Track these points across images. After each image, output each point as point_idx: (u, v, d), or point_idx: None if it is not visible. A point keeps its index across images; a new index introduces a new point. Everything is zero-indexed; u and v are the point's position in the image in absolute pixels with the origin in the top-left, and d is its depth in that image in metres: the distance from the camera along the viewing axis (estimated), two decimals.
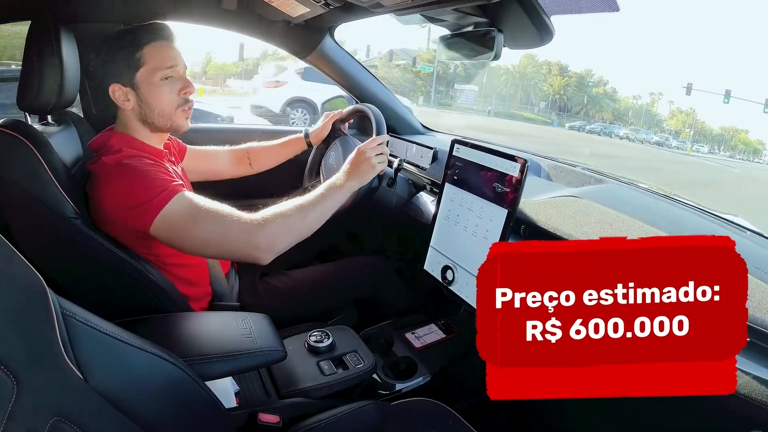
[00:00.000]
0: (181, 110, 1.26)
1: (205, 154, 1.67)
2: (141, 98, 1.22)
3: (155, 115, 1.24)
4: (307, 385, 1.22)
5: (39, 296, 0.58)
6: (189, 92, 1.27)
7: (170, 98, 1.24)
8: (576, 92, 48.39)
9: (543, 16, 1.15)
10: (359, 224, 2.13)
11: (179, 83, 1.25)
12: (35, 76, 1.11)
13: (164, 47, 1.23)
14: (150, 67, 1.21)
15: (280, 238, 1.11)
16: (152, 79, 1.21)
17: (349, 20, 1.72)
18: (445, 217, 1.34)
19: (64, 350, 0.58)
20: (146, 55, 1.20)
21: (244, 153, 1.73)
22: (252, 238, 1.08)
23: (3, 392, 0.51)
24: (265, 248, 1.09)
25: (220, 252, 1.14)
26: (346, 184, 1.25)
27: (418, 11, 1.29)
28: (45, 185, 1.03)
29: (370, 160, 1.29)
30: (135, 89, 1.21)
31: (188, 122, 1.30)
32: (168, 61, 1.22)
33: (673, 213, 1.25)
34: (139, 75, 1.20)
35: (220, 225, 1.07)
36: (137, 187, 1.08)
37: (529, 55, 49.66)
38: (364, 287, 1.73)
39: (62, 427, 0.55)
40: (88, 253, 1.06)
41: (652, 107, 53.75)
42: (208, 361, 0.97)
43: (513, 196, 1.14)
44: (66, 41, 1.15)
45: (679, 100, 52.30)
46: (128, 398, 0.65)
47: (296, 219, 1.13)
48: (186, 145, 1.58)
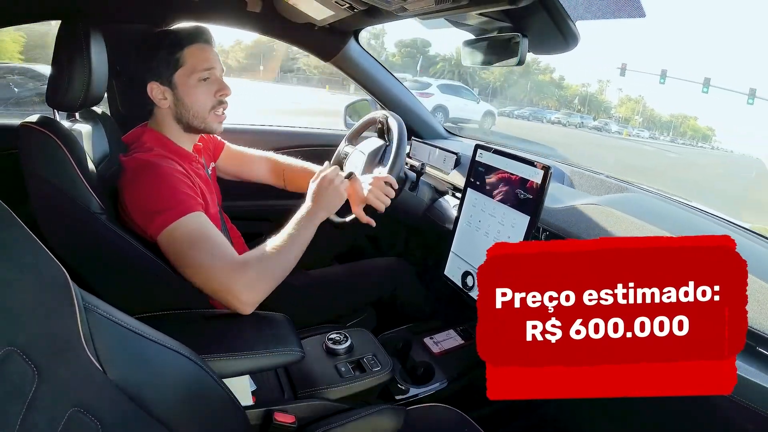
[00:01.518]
0: (214, 113, 1.28)
1: (243, 158, 1.66)
2: (177, 97, 1.25)
3: (190, 115, 1.26)
4: (323, 386, 1.22)
5: (62, 289, 0.59)
6: (225, 94, 1.29)
7: (205, 99, 1.26)
8: (519, 79, 47.14)
9: (568, 22, 1.13)
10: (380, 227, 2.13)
11: (215, 85, 1.27)
12: (64, 74, 1.13)
13: (204, 50, 1.25)
14: (188, 67, 1.23)
15: (259, 292, 1.09)
16: (190, 80, 1.24)
17: (374, 24, 1.72)
18: (467, 222, 1.33)
19: (85, 342, 0.59)
20: (186, 56, 1.23)
21: (281, 170, 1.69)
22: (232, 289, 1.07)
23: (24, 382, 0.52)
24: (245, 302, 1.08)
25: (205, 287, 1.10)
26: (315, 216, 1.21)
27: (442, 15, 1.28)
28: (72, 181, 1.04)
29: (337, 187, 1.25)
30: (172, 88, 1.24)
31: (221, 126, 1.32)
32: (206, 63, 1.25)
33: (699, 223, 1.22)
34: (177, 75, 1.23)
35: (211, 260, 1.07)
36: (158, 193, 1.10)
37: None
38: (384, 289, 1.72)
39: (80, 418, 0.56)
40: (112, 248, 1.07)
41: (600, 95, 52.32)
42: (226, 358, 0.98)
43: (535, 203, 1.13)
44: (95, 41, 1.17)
45: (629, 88, 51.19)
46: (146, 392, 0.66)
47: (275, 267, 1.12)
48: (225, 142, 1.60)
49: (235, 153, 1.64)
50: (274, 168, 1.69)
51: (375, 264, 1.80)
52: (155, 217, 1.08)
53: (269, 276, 1.10)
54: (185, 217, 1.09)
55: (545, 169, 1.12)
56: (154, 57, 1.22)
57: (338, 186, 1.26)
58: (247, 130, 2.23)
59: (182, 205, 1.10)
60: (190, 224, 1.09)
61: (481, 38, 1.44)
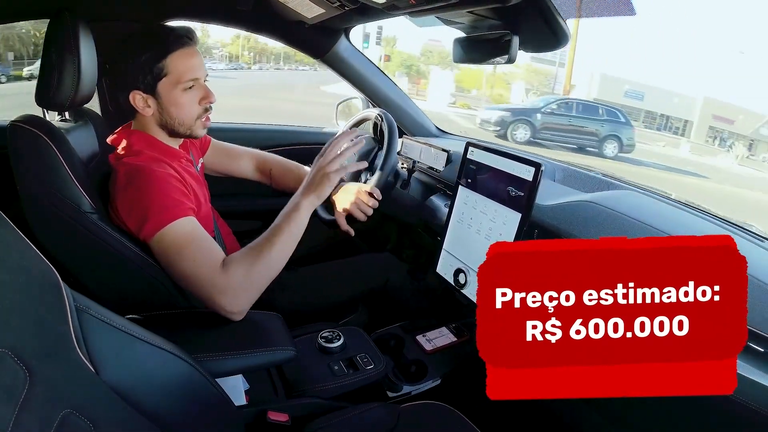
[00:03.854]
0: (200, 120, 1.25)
1: (229, 154, 1.64)
2: (162, 107, 1.21)
3: (175, 123, 1.23)
4: (317, 385, 1.22)
5: (53, 289, 0.58)
6: (210, 102, 1.25)
7: (190, 108, 1.23)
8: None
9: (559, 20, 1.14)
10: (372, 226, 2.13)
11: (201, 92, 1.23)
12: (53, 73, 1.12)
13: (187, 55, 1.20)
14: (173, 78, 1.19)
15: (247, 300, 1.09)
16: (174, 90, 1.19)
17: (365, 22, 1.72)
18: (459, 220, 1.33)
19: (77, 344, 0.59)
20: (169, 65, 1.18)
21: (268, 168, 1.68)
22: (219, 301, 1.06)
23: (15, 383, 0.51)
24: (232, 312, 1.07)
25: (194, 294, 1.10)
26: (303, 203, 1.18)
27: (433, 14, 1.28)
28: (62, 180, 1.04)
29: (324, 169, 1.21)
30: (156, 97, 1.20)
31: (205, 131, 1.29)
32: (190, 73, 1.20)
33: (690, 221, 1.23)
34: (161, 84, 1.19)
35: (198, 269, 1.06)
36: (150, 199, 1.09)
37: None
38: (375, 283, 1.72)
39: (73, 420, 0.56)
40: (104, 248, 1.07)
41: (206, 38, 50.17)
42: (219, 358, 0.98)
43: (527, 200, 1.13)
44: (84, 39, 1.16)
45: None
46: (139, 393, 0.65)
47: (264, 271, 1.11)
48: (211, 138, 1.58)
49: (222, 149, 1.62)
50: (260, 165, 1.68)
51: (366, 258, 1.81)
52: (145, 222, 1.07)
53: (254, 283, 1.09)
54: (175, 222, 1.07)
55: (536, 167, 1.12)
56: (137, 65, 1.17)
57: (327, 171, 1.21)
58: (237, 129, 2.22)
59: (172, 211, 1.08)
60: (179, 230, 1.08)
61: (471, 36, 1.44)
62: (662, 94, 28.01)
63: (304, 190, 1.20)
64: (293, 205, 1.18)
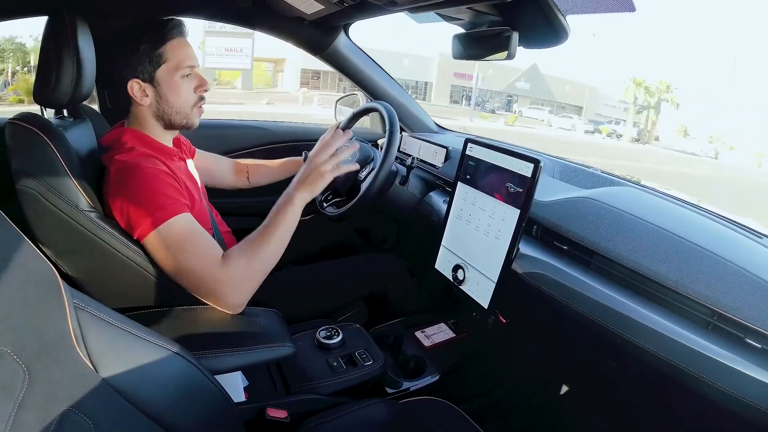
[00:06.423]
0: (196, 108, 1.27)
1: (210, 159, 1.68)
2: (160, 94, 1.22)
3: (173, 111, 1.24)
4: (316, 381, 1.23)
5: (51, 287, 0.58)
6: (205, 90, 1.28)
7: (188, 95, 1.25)
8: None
9: (559, 16, 1.14)
10: (371, 222, 2.13)
11: (196, 80, 1.26)
12: (52, 70, 1.11)
13: (185, 44, 1.23)
14: (172, 64, 1.20)
15: (245, 292, 1.10)
16: (173, 76, 1.21)
17: (364, 18, 1.71)
18: (457, 216, 1.33)
19: (76, 342, 0.59)
20: (168, 52, 1.20)
21: (244, 167, 1.75)
22: (218, 294, 1.08)
23: (14, 382, 0.52)
24: (232, 305, 1.09)
25: (192, 291, 1.11)
26: (296, 197, 1.19)
27: (432, 9, 1.28)
28: (60, 178, 1.03)
29: (319, 168, 1.22)
30: (154, 85, 1.21)
31: (198, 120, 1.31)
32: (189, 59, 1.22)
33: (687, 216, 1.23)
34: (160, 71, 1.20)
35: (195, 265, 1.07)
36: (142, 196, 1.08)
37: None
38: (375, 284, 1.72)
39: (73, 418, 0.56)
40: (101, 245, 1.07)
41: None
42: (218, 355, 0.98)
43: (526, 197, 1.13)
44: (82, 36, 1.15)
45: None
46: (138, 390, 0.65)
47: (261, 263, 1.11)
48: (195, 147, 1.59)
49: (204, 156, 1.65)
50: (237, 167, 1.75)
51: (366, 259, 1.80)
52: (140, 221, 1.07)
53: (254, 274, 1.10)
54: (171, 220, 1.07)
55: (535, 163, 1.12)
56: (135, 53, 1.19)
57: (320, 167, 1.22)
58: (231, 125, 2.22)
59: (166, 209, 1.08)
60: (177, 227, 1.08)
61: (471, 32, 1.43)
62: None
63: (297, 184, 1.21)
64: (287, 198, 1.19)
